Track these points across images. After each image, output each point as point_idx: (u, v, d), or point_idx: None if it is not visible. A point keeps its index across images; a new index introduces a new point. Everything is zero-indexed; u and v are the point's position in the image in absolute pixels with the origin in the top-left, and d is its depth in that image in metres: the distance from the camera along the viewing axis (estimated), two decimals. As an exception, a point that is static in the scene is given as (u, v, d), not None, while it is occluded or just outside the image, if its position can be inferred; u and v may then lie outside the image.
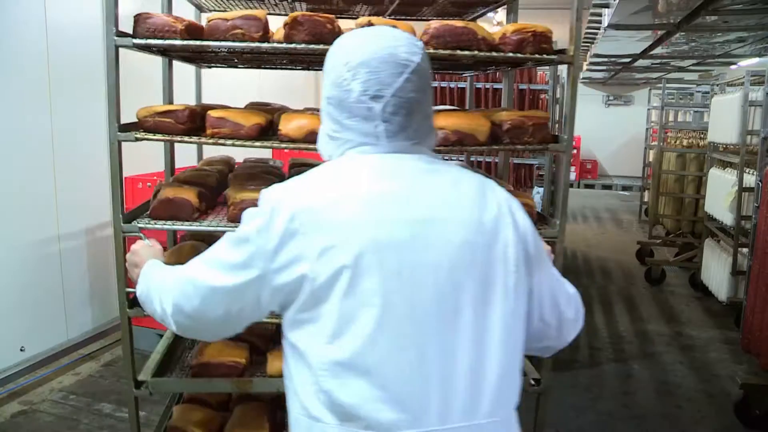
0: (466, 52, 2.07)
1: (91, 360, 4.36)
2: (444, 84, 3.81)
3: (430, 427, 1.15)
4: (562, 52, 2.23)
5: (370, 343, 1.15)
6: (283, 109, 2.54)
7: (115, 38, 2.02)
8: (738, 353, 4.77)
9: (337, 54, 1.29)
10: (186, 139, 2.20)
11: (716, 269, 5.53)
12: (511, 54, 2.13)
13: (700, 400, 4.16)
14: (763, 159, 4.18)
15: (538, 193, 5.17)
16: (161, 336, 4.39)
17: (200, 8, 2.93)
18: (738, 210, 4.99)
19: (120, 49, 2.04)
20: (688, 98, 9.13)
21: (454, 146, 2.11)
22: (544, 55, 2.16)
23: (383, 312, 1.15)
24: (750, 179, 4.84)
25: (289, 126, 2.16)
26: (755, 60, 8.09)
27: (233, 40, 2.02)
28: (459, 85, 3.68)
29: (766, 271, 3.76)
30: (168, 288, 1.37)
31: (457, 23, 2.09)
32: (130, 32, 2.08)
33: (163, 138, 2.20)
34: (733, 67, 9.28)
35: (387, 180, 1.24)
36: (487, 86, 3.70)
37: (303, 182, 1.25)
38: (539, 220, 2.56)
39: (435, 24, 2.08)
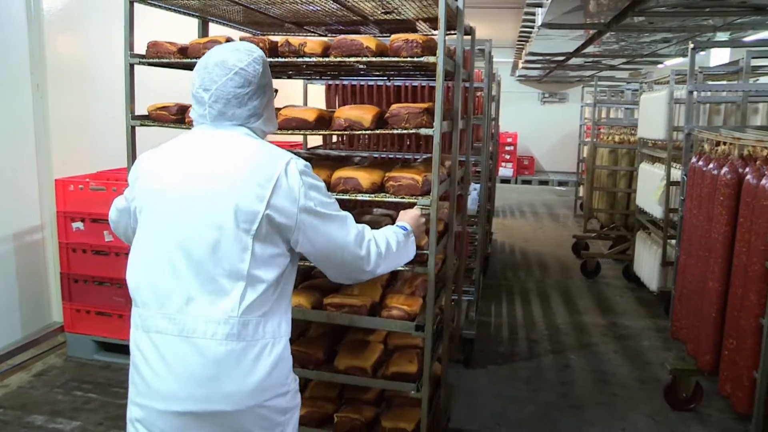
0: (353, 58, 2.69)
1: (21, 370, 4.18)
2: (390, 83, 4.09)
3: (171, 310, 1.70)
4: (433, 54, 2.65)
5: (141, 253, 1.78)
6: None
7: (130, 58, 3.06)
8: (668, 340, 4.96)
9: (199, 60, 1.85)
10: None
11: (647, 260, 5.72)
12: (385, 58, 2.69)
13: (634, 386, 4.30)
14: (687, 154, 4.33)
15: (474, 189, 5.24)
16: (97, 342, 4.32)
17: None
18: (666, 203, 5.17)
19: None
20: (620, 96, 9.39)
21: (345, 130, 2.80)
22: (412, 58, 2.64)
23: (152, 233, 1.76)
24: (677, 173, 5.03)
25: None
26: (679, 60, 8.40)
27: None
28: (395, 84, 4.00)
29: (691, 262, 3.92)
30: None
31: (350, 37, 2.72)
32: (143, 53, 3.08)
33: (159, 125, 3.09)
34: (660, 66, 9.61)
35: (189, 145, 1.82)
36: (423, 84, 3.92)
37: (160, 147, 1.87)
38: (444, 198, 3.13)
39: (336, 39, 2.75)
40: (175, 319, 1.69)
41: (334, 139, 4.37)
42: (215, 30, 3.68)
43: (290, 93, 4.63)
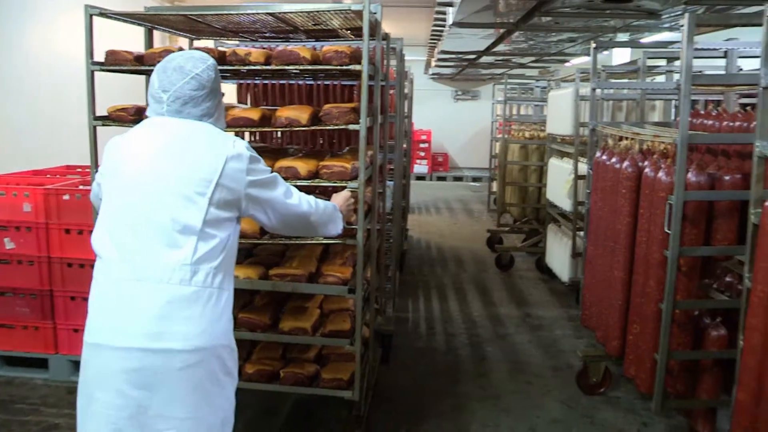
0: (291, 66, 3.17)
1: None
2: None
3: (133, 261, 1.95)
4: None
5: (108, 216, 2.03)
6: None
7: (91, 66, 3.33)
8: (579, 329, 5.15)
9: (157, 65, 2.13)
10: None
11: (558, 252, 5.92)
12: (318, 66, 3.16)
13: (548, 374, 4.45)
14: (592, 149, 4.51)
15: (388, 187, 5.28)
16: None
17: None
18: (575, 196, 5.36)
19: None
20: (529, 93, 9.64)
21: (286, 127, 3.21)
22: (341, 66, 3.11)
23: (117, 198, 2.03)
24: (583, 168, 5.22)
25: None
26: (585, 58, 8.71)
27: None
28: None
29: (598, 252, 4.09)
30: None
31: (288, 48, 3.16)
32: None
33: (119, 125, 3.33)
34: (566, 64, 9.93)
35: (152, 127, 2.10)
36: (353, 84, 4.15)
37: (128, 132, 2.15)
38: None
39: (276, 49, 3.21)
40: (134, 267, 1.94)
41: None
42: (158, 36, 3.97)
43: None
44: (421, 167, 15.31)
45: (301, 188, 2.43)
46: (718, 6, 4.45)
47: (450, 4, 5.62)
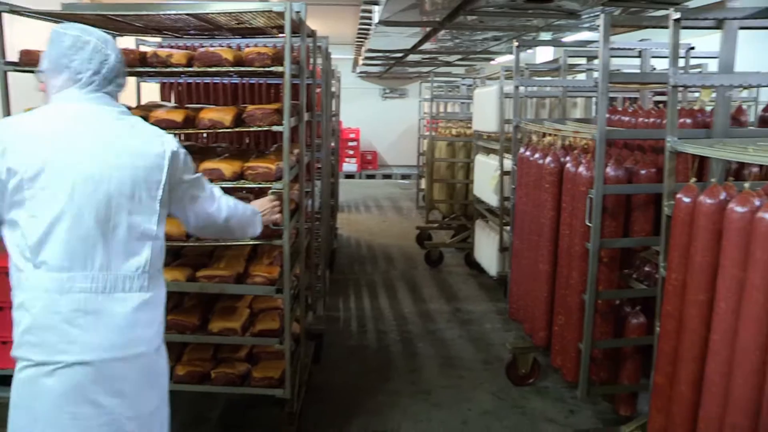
0: (214, 68, 3.15)
1: None
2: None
3: (93, 271, 1.88)
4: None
5: (48, 223, 1.85)
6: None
7: (4, 66, 3.18)
8: (508, 322, 5.24)
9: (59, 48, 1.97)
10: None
11: (486, 247, 6.01)
12: (241, 68, 3.16)
13: (478, 368, 4.53)
14: (516, 145, 4.61)
15: (316, 186, 5.26)
16: None
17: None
18: (501, 192, 5.46)
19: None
20: (456, 91, 9.76)
21: (210, 129, 3.21)
22: (263, 68, 3.12)
23: (60, 203, 1.85)
24: (508, 164, 5.32)
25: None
26: (509, 57, 8.89)
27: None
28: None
29: (523, 246, 4.18)
30: None
31: (210, 50, 3.16)
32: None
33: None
34: (492, 62, 10.12)
35: (69, 119, 1.93)
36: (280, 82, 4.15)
37: (21, 118, 1.97)
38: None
39: (198, 52, 3.18)
40: (97, 278, 1.89)
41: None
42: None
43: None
44: (350, 166, 15.31)
45: (226, 190, 2.40)
46: (632, 8, 4.62)
47: (376, 3, 5.63)
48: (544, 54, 9.29)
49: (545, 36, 6.41)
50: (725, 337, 2.25)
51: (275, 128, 3.13)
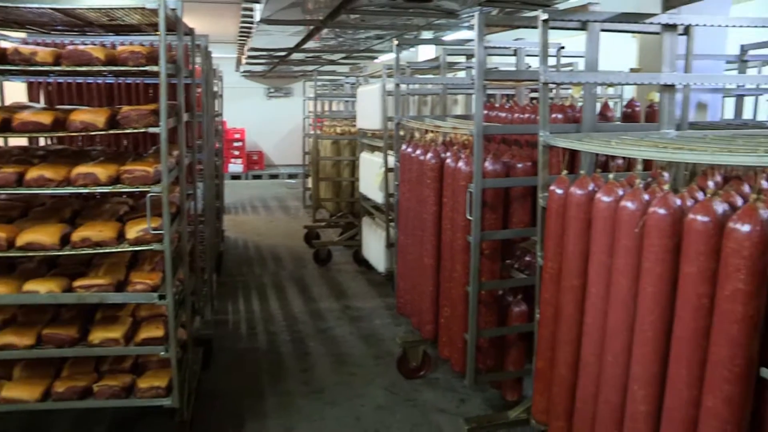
0: (84, 68, 2.99)
1: None
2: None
3: None
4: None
5: None
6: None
7: None
8: (397, 317, 5.30)
9: None
10: None
11: (374, 244, 6.06)
12: (113, 67, 3.03)
13: (370, 363, 4.57)
14: (399, 142, 4.68)
15: (198, 188, 5.13)
16: None
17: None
18: (386, 189, 5.53)
19: None
20: (340, 89, 9.79)
21: (82, 131, 3.03)
22: (137, 67, 3.01)
23: None
24: (393, 161, 5.39)
25: None
26: (393, 55, 8.99)
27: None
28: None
29: (408, 241, 4.25)
30: None
31: (80, 48, 2.98)
32: None
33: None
34: (376, 61, 10.21)
35: None
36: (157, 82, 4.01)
37: None
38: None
39: (66, 50, 3.00)
40: None
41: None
42: None
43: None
44: (236, 166, 15.04)
45: (102, 195, 2.28)
46: (508, 9, 4.80)
47: (257, 1, 5.56)
48: (427, 52, 9.47)
49: (427, 35, 6.55)
50: (597, 320, 2.38)
51: (152, 130, 3.02)
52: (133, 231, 3.07)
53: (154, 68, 2.97)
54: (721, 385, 1.89)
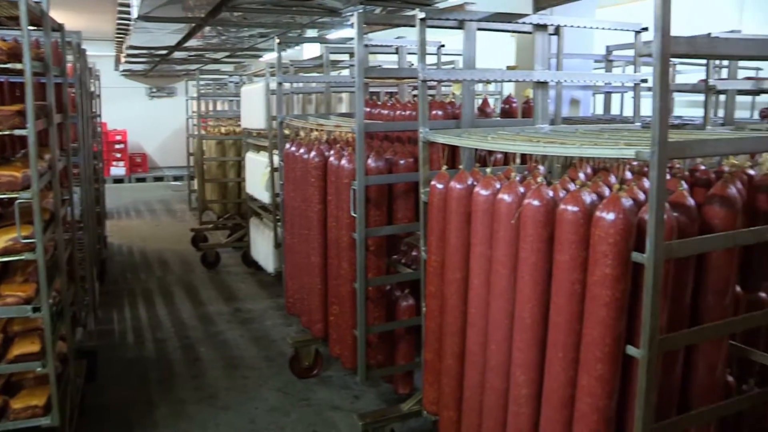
0: None
1: None
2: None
3: None
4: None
5: None
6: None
7: None
8: (288, 317, 5.29)
9: None
10: None
11: (262, 245, 6.01)
12: None
13: (262, 366, 4.53)
14: (282, 141, 4.66)
15: (75, 193, 4.91)
16: None
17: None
18: (272, 188, 5.48)
19: None
20: (224, 88, 9.62)
21: None
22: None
23: None
24: (278, 160, 5.36)
25: None
26: (275, 54, 8.93)
27: None
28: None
29: (295, 241, 4.24)
30: None
31: None
32: None
33: None
34: (261, 59, 10.10)
35: None
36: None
37: None
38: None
39: None
40: None
41: None
42: None
43: None
44: (118, 169, 14.47)
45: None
46: (390, 7, 4.87)
47: (134, -4, 5.38)
48: (313, 51, 9.45)
49: (311, 33, 6.54)
50: (480, 310, 2.47)
51: (18, 132, 2.84)
52: (1, 240, 2.88)
53: (17, 66, 2.78)
54: (594, 364, 2.01)
